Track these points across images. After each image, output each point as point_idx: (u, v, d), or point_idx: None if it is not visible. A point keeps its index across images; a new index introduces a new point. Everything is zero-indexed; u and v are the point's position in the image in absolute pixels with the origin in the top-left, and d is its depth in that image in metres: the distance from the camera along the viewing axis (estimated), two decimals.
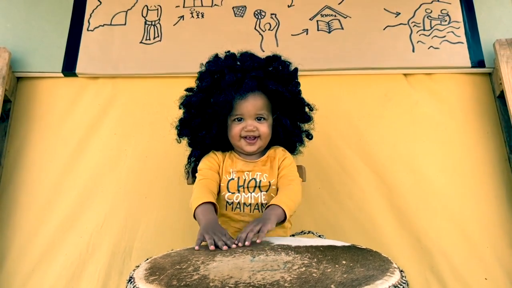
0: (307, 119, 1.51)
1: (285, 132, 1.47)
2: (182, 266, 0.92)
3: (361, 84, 2.00)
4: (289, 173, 1.41)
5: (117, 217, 1.85)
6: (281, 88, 1.39)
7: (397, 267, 0.88)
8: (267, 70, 1.41)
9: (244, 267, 0.89)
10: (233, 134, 1.41)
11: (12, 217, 1.87)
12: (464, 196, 1.82)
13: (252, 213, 1.37)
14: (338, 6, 2.07)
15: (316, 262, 0.91)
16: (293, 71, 1.46)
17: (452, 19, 2.03)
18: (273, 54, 1.46)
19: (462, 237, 1.76)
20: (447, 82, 1.99)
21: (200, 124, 1.42)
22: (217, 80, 1.40)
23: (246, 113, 1.39)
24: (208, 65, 1.44)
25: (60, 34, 2.08)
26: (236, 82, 1.37)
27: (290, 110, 1.46)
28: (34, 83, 2.07)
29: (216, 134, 1.43)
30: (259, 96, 1.40)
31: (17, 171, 1.94)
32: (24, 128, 2.00)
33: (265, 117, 1.41)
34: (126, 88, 2.05)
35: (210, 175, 1.40)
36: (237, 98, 1.38)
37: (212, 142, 1.45)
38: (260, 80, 1.38)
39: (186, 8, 2.10)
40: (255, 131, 1.39)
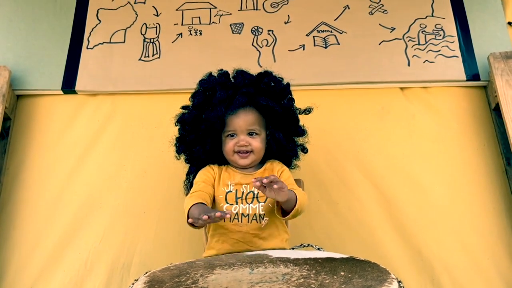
0: (301, 132, 1.53)
1: (278, 146, 1.49)
2: (181, 279, 0.92)
3: (358, 98, 2.02)
4: (290, 186, 1.41)
5: (116, 233, 1.85)
6: (271, 103, 1.42)
7: (395, 278, 0.88)
8: (258, 86, 1.45)
9: (243, 279, 0.90)
10: (226, 149, 1.44)
11: (11, 233, 1.86)
12: (463, 208, 1.83)
13: (249, 223, 1.38)
14: (334, 22, 2.10)
15: (314, 273, 0.92)
16: (284, 86, 1.49)
17: (447, 33, 2.06)
18: (264, 70, 1.49)
19: (462, 248, 1.76)
20: (443, 95, 2.01)
21: (194, 140, 1.46)
22: (209, 97, 1.44)
23: (238, 128, 1.42)
24: (200, 83, 1.48)
25: (60, 52, 2.10)
26: (227, 99, 1.41)
27: (283, 124, 1.49)
28: (34, 101, 2.08)
29: (210, 149, 1.46)
30: (250, 111, 1.43)
31: (16, 188, 1.94)
32: (24, 145, 2.01)
33: (257, 132, 1.44)
34: (125, 104, 2.06)
35: (203, 187, 1.41)
36: (228, 114, 1.42)
37: (207, 157, 1.48)
38: (251, 96, 1.42)
39: (184, 25, 2.13)
40: (247, 146, 1.42)
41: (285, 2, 2.15)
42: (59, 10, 2.19)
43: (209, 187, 1.43)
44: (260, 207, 1.40)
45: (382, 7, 2.12)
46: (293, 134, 1.53)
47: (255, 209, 1.39)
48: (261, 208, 1.39)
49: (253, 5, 2.15)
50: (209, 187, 1.43)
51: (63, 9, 2.20)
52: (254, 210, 1.39)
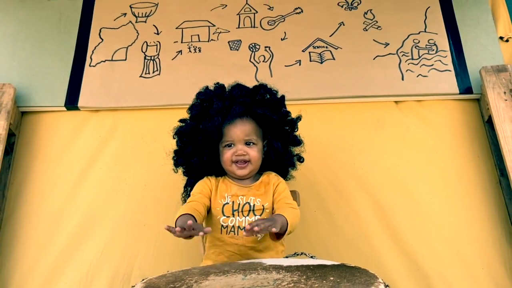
0: (297, 142, 1.57)
1: (277, 156, 1.52)
2: (176, 285, 0.95)
3: (353, 111, 2.07)
4: (286, 199, 1.45)
5: (116, 245, 1.88)
6: (268, 112, 1.46)
7: (382, 282, 0.91)
8: (254, 97, 1.49)
9: (235, 284, 0.93)
10: (224, 159, 1.47)
11: (15, 247, 1.90)
12: (458, 218, 1.85)
13: (246, 236, 1.40)
14: (329, 38, 2.16)
15: (305, 279, 0.95)
16: (280, 98, 1.53)
17: (439, 48, 2.11)
18: (260, 83, 1.54)
19: (457, 258, 1.78)
20: (437, 108, 2.05)
21: (192, 151, 1.49)
22: (206, 108, 1.48)
23: (236, 138, 1.45)
24: (198, 95, 1.53)
25: (63, 70, 2.16)
26: (224, 109, 1.45)
27: (280, 134, 1.52)
28: (38, 117, 2.14)
29: (208, 160, 1.48)
30: (247, 121, 1.46)
31: (19, 203, 1.98)
32: (28, 161, 2.06)
33: (254, 142, 1.47)
34: (126, 119, 2.12)
35: (198, 198, 1.44)
36: (226, 124, 1.45)
37: (204, 169, 1.51)
38: (247, 106, 1.46)
39: (184, 43, 2.19)
40: (245, 155, 1.45)
41: (282, 19, 2.22)
42: (63, 30, 2.27)
43: (205, 198, 1.46)
44: (256, 219, 1.42)
45: (376, 23, 2.18)
46: (290, 143, 1.56)
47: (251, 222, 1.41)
48: None
49: (250, 23, 2.22)
50: (204, 198, 1.46)
51: (66, 29, 2.27)
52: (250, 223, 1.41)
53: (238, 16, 2.23)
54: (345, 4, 2.24)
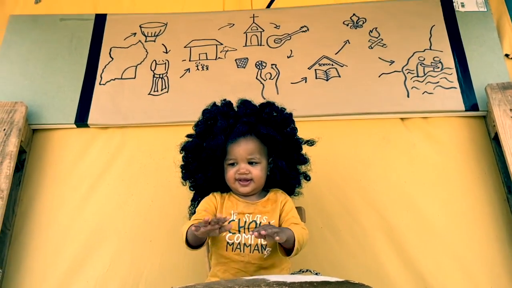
0: (303, 161, 1.56)
1: (282, 174, 1.52)
2: None
3: (359, 128, 2.08)
4: (294, 220, 1.45)
5: (123, 261, 1.89)
6: (272, 132, 1.46)
7: None
8: (260, 116, 1.49)
9: None
10: (228, 177, 1.48)
11: (23, 262, 1.92)
12: (465, 235, 1.84)
13: (251, 253, 1.40)
14: (335, 56, 2.18)
15: None
16: (287, 116, 1.54)
17: (445, 65, 2.12)
18: (267, 101, 1.55)
19: (465, 276, 1.76)
20: (443, 125, 2.06)
21: (197, 168, 1.50)
22: (211, 126, 1.49)
23: (239, 156, 1.46)
24: (203, 113, 1.54)
25: (74, 89, 2.21)
26: (228, 127, 1.46)
27: (285, 153, 1.52)
28: (49, 135, 2.18)
29: (212, 177, 1.49)
30: (251, 140, 1.47)
31: (29, 218, 2.00)
32: (38, 177, 2.09)
33: (257, 161, 1.47)
34: (134, 136, 2.14)
35: (204, 216, 1.41)
36: (229, 142, 1.46)
37: (209, 185, 1.51)
38: (251, 125, 1.46)
39: (192, 61, 2.23)
40: (248, 174, 1.45)
41: (288, 38, 2.25)
42: (74, 50, 2.32)
43: (210, 216, 1.46)
44: None
45: (381, 41, 2.20)
46: (296, 162, 1.56)
47: (257, 240, 1.41)
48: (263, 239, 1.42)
49: (257, 41, 2.25)
50: (210, 216, 1.45)
51: (78, 48, 2.32)
52: (256, 241, 1.41)
53: (245, 35, 2.28)
54: (350, 22, 2.27)
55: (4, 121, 2.01)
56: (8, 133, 1.98)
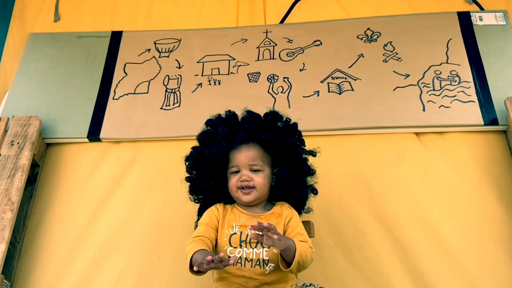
0: (307, 171, 1.52)
1: (284, 184, 1.47)
2: None
3: (373, 144, 2.02)
4: (299, 236, 1.39)
5: (130, 277, 1.85)
6: (274, 138, 1.44)
7: None
8: (262, 123, 1.48)
9: None
10: (230, 186, 1.45)
11: (31, 276, 1.90)
12: (482, 257, 1.74)
13: (253, 268, 1.36)
14: (348, 69, 2.15)
15: None
16: (291, 125, 1.51)
17: (462, 79, 2.06)
18: (270, 110, 1.53)
19: None
20: (460, 141, 1.98)
21: (200, 177, 1.49)
22: (213, 134, 1.48)
23: (240, 163, 1.43)
24: (206, 122, 1.54)
25: (88, 103, 2.23)
26: (230, 134, 1.45)
27: (288, 162, 1.48)
28: (62, 149, 2.19)
29: (215, 186, 1.47)
30: (253, 147, 1.45)
31: (39, 232, 2.00)
32: (50, 191, 2.09)
33: (259, 168, 1.44)
34: (146, 151, 2.14)
35: (205, 232, 1.41)
36: (231, 150, 1.45)
37: (212, 195, 1.49)
38: (253, 132, 1.45)
39: (204, 76, 2.23)
40: (250, 181, 1.42)
41: (301, 51, 2.23)
42: (90, 65, 2.35)
43: (212, 231, 1.42)
44: (264, 252, 1.37)
45: (396, 55, 2.16)
46: (300, 173, 1.51)
47: (259, 254, 1.37)
48: (265, 254, 1.37)
49: (269, 55, 2.24)
50: (211, 230, 1.42)
51: (93, 64, 2.35)
52: (258, 255, 1.37)
53: (257, 49, 2.27)
54: (364, 36, 2.24)
55: (18, 135, 2.03)
56: (22, 146, 2.00)
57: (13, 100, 2.25)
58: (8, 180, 1.91)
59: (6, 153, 1.98)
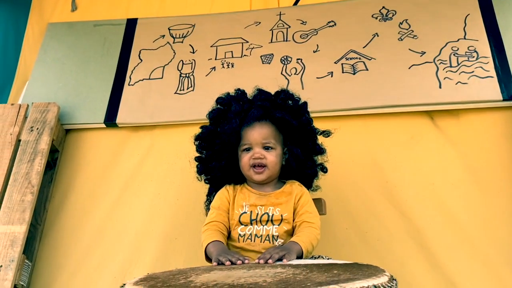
0: (319, 150, 1.52)
1: (297, 162, 1.47)
2: (175, 276, 0.93)
3: (387, 127, 1.99)
4: (308, 215, 1.40)
5: (149, 258, 1.90)
6: (287, 116, 1.43)
7: (388, 275, 0.84)
8: (275, 102, 1.47)
9: (234, 275, 0.89)
10: (242, 164, 1.45)
11: (54, 258, 1.96)
12: (498, 240, 1.70)
13: (262, 243, 1.37)
14: (363, 49, 2.12)
15: (307, 272, 0.89)
16: (301, 104, 1.51)
17: (480, 55, 2.00)
18: (281, 88, 1.53)
19: (498, 282, 1.63)
20: (476, 122, 1.92)
21: (211, 156, 1.49)
22: (225, 112, 1.48)
23: (253, 141, 1.43)
24: (217, 100, 1.54)
25: (104, 90, 2.26)
26: (242, 112, 1.44)
27: (301, 140, 1.48)
28: (81, 135, 2.24)
29: (226, 165, 1.47)
30: (266, 125, 1.45)
31: (60, 216, 2.06)
32: (69, 176, 2.14)
33: (272, 146, 1.44)
34: (163, 138, 2.16)
35: (218, 216, 1.44)
36: (244, 127, 1.45)
37: (223, 174, 1.49)
38: (266, 109, 1.44)
39: (217, 60, 2.24)
40: (262, 159, 1.42)
41: (314, 33, 2.21)
42: (106, 53, 2.39)
43: (224, 214, 1.45)
44: (274, 229, 1.39)
45: (412, 33, 2.12)
46: (311, 151, 1.52)
47: (268, 230, 1.39)
48: (274, 230, 1.38)
49: (283, 37, 2.23)
50: (223, 214, 1.45)
51: (109, 51, 2.39)
52: (267, 231, 1.39)
53: (271, 32, 2.26)
54: (379, 15, 2.20)
55: (38, 121, 2.08)
56: (41, 131, 2.05)
57: (32, 88, 2.31)
58: (28, 164, 1.96)
59: (26, 138, 2.03)
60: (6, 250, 1.77)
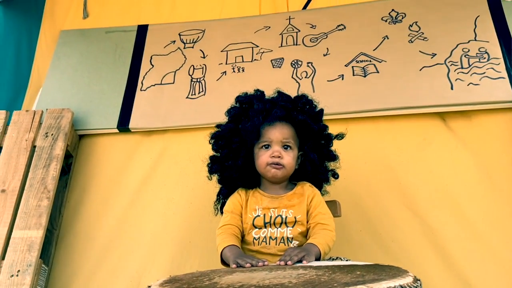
0: (332, 157, 1.53)
1: (313, 167, 1.49)
2: (198, 278, 0.95)
3: (399, 129, 2.00)
4: (322, 216, 1.41)
5: (163, 261, 1.92)
6: (309, 120, 1.45)
7: (412, 275, 0.85)
8: (296, 105, 1.49)
9: (257, 277, 0.91)
10: (260, 162, 1.45)
11: (70, 263, 1.98)
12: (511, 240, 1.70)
13: (278, 246, 1.38)
14: (373, 52, 2.13)
15: (330, 273, 0.90)
16: (319, 111, 1.52)
17: (491, 56, 2.01)
18: (301, 93, 1.55)
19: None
20: (489, 123, 1.93)
21: (227, 154, 1.49)
22: (245, 110, 1.48)
23: (274, 139, 1.44)
24: (237, 98, 1.55)
25: (117, 95, 2.29)
26: (264, 110, 1.45)
27: (316, 145, 1.50)
28: (94, 140, 2.26)
29: (243, 165, 1.47)
30: (286, 125, 1.46)
31: (75, 220, 2.08)
32: (84, 181, 2.16)
33: (291, 146, 1.45)
34: (175, 141, 2.18)
35: (232, 220, 1.44)
36: (265, 125, 1.45)
37: (238, 175, 1.49)
38: (288, 111, 1.45)
39: (228, 64, 2.26)
40: (280, 158, 1.42)
41: (324, 36, 2.23)
42: (118, 59, 2.41)
43: (237, 218, 1.46)
44: (288, 231, 1.40)
45: (422, 35, 2.13)
46: (325, 157, 1.53)
47: (283, 233, 1.39)
48: (289, 232, 1.39)
49: (293, 41, 2.25)
50: (237, 217, 1.46)
51: (121, 58, 2.41)
52: (282, 234, 1.39)
53: (281, 36, 2.28)
54: (389, 18, 2.22)
55: (52, 127, 2.11)
56: (56, 137, 2.07)
57: (46, 94, 2.33)
58: (44, 170, 1.98)
59: (41, 144, 2.05)
60: (24, 255, 1.79)
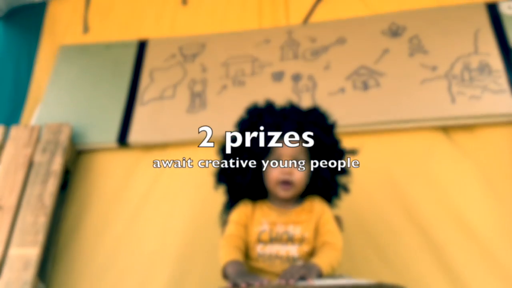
0: (345, 171, 1.49)
1: (324, 184, 1.44)
2: None
3: (401, 142, 1.98)
4: (330, 235, 1.37)
5: (163, 279, 1.88)
6: (322, 134, 1.41)
7: None
8: (308, 118, 1.44)
9: None
10: (270, 178, 1.41)
11: (67, 280, 1.95)
12: None
13: (283, 265, 1.34)
14: (374, 65, 2.12)
15: None
16: (331, 124, 1.48)
17: (493, 68, 2.00)
18: (314, 105, 1.51)
19: None
20: (491, 135, 1.91)
21: (236, 168, 1.44)
22: (255, 124, 1.44)
23: (284, 155, 1.39)
24: (247, 111, 1.50)
25: (116, 110, 2.27)
26: (275, 124, 1.40)
27: (328, 160, 1.44)
28: (93, 156, 2.24)
29: (252, 180, 1.43)
30: (298, 140, 1.41)
31: (73, 237, 2.05)
32: (82, 197, 2.14)
33: (302, 162, 1.40)
34: (175, 156, 2.15)
35: (236, 230, 1.40)
36: (275, 139, 1.40)
37: (247, 188, 1.44)
38: (300, 125, 1.41)
39: (228, 78, 2.25)
40: (291, 175, 1.38)
41: (325, 50, 2.22)
42: (117, 73, 2.40)
43: (242, 229, 1.41)
44: (295, 249, 1.36)
45: (422, 48, 2.12)
46: (336, 171, 1.48)
47: (289, 251, 1.36)
48: (295, 251, 1.36)
49: (293, 54, 2.24)
50: (242, 229, 1.41)
51: (121, 72, 2.40)
52: (288, 253, 1.36)
53: (281, 49, 2.27)
54: (389, 31, 2.21)
55: (51, 142, 2.09)
56: (54, 152, 2.06)
57: (45, 109, 2.32)
58: (42, 186, 1.97)
59: (39, 160, 2.04)
60: (20, 273, 1.76)
